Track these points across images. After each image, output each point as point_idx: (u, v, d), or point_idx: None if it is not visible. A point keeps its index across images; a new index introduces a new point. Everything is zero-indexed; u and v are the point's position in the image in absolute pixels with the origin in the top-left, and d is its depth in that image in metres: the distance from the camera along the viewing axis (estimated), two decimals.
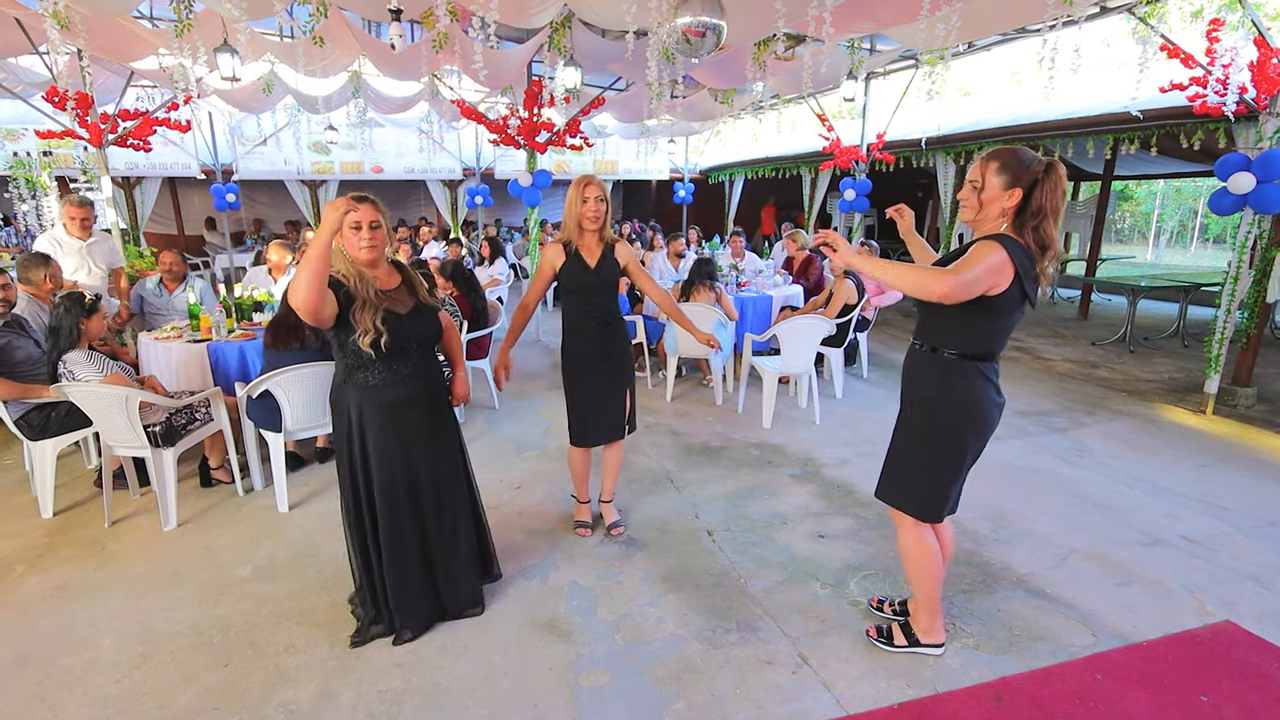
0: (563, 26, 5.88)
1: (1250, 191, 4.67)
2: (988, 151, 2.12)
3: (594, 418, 3.14)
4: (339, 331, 2.26)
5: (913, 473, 2.31)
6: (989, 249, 1.99)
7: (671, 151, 14.51)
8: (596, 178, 2.91)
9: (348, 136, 11.81)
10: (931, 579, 2.37)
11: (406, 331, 2.32)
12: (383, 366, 2.31)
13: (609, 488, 3.39)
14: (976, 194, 2.10)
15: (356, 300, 2.22)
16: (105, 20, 5.20)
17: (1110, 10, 5.51)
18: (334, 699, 2.24)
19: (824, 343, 5.14)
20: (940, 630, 2.46)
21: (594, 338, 3.05)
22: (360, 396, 2.33)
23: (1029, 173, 2.01)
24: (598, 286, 2.99)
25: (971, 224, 2.17)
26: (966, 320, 2.12)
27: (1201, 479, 4.02)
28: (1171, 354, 7.26)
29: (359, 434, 2.35)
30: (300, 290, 2.01)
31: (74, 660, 2.43)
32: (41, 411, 3.48)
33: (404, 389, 2.37)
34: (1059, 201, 2.02)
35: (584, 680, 2.34)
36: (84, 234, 4.85)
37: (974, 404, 2.19)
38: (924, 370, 2.26)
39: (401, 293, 2.40)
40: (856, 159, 8.66)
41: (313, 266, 2.00)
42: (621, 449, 3.32)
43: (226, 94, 8.19)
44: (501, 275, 8.07)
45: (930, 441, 2.25)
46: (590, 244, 2.96)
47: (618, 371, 3.12)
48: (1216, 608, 2.75)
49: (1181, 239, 20.60)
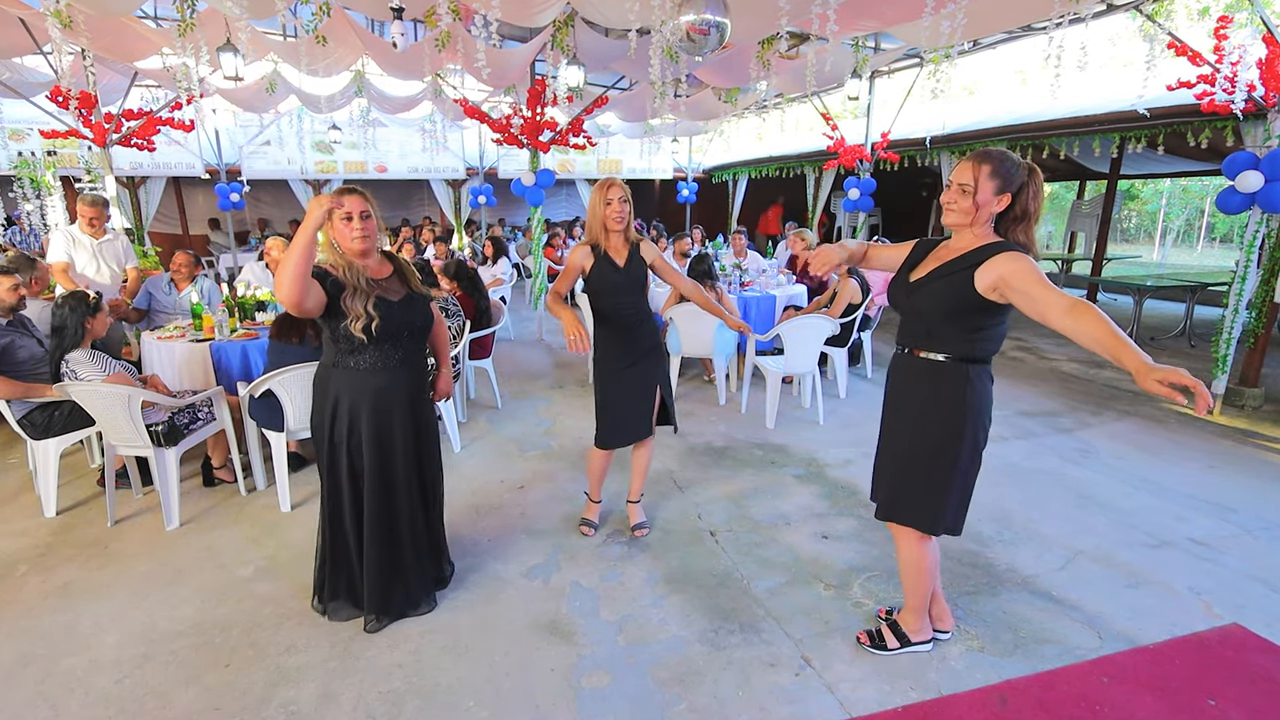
0: (565, 25, 5.88)
1: (1259, 190, 4.64)
2: (975, 154, 2.05)
3: (623, 420, 3.12)
4: (328, 320, 2.31)
5: (922, 486, 2.23)
6: (1016, 261, 1.93)
7: (675, 151, 14.49)
8: (619, 179, 2.94)
9: (351, 136, 11.83)
10: (929, 587, 2.37)
11: (398, 318, 2.36)
12: (374, 351, 2.36)
13: (636, 487, 3.35)
14: (970, 197, 2.02)
15: (346, 288, 2.26)
16: (108, 20, 5.21)
17: (1117, 7, 5.48)
18: (335, 699, 2.24)
19: (828, 342, 5.12)
20: (929, 628, 2.47)
21: (625, 338, 3.05)
22: (347, 380, 2.37)
23: (1017, 178, 2.01)
24: (628, 285, 3.00)
25: (955, 227, 2.11)
26: (976, 326, 2.09)
27: (1209, 480, 3.99)
28: (1178, 354, 7.22)
29: (344, 415, 2.39)
30: (284, 284, 2.05)
31: (76, 660, 2.43)
32: (45, 411, 3.48)
33: (393, 375, 2.42)
34: (1040, 205, 2.05)
35: (586, 681, 2.33)
36: (96, 232, 4.90)
37: (984, 406, 2.17)
38: (930, 379, 2.18)
39: (394, 281, 2.45)
40: (860, 158, 8.63)
41: (294, 260, 2.03)
42: (650, 448, 3.28)
43: (230, 93, 8.20)
44: (505, 275, 8.06)
45: (945, 451, 2.17)
46: (617, 244, 2.99)
47: (650, 371, 3.10)
48: (1224, 610, 2.72)
49: (1188, 238, 20.49)
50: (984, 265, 1.98)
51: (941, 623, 2.51)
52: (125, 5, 4.98)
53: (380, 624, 2.57)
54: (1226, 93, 4.73)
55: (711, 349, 5.32)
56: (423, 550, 2.65)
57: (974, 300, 2.01)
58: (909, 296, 2.20)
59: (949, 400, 2.15)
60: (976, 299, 2.01)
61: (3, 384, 3.36)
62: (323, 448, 2.45)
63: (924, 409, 2.21)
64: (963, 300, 2.04)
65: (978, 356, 2.14)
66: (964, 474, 2.21)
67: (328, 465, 2.46)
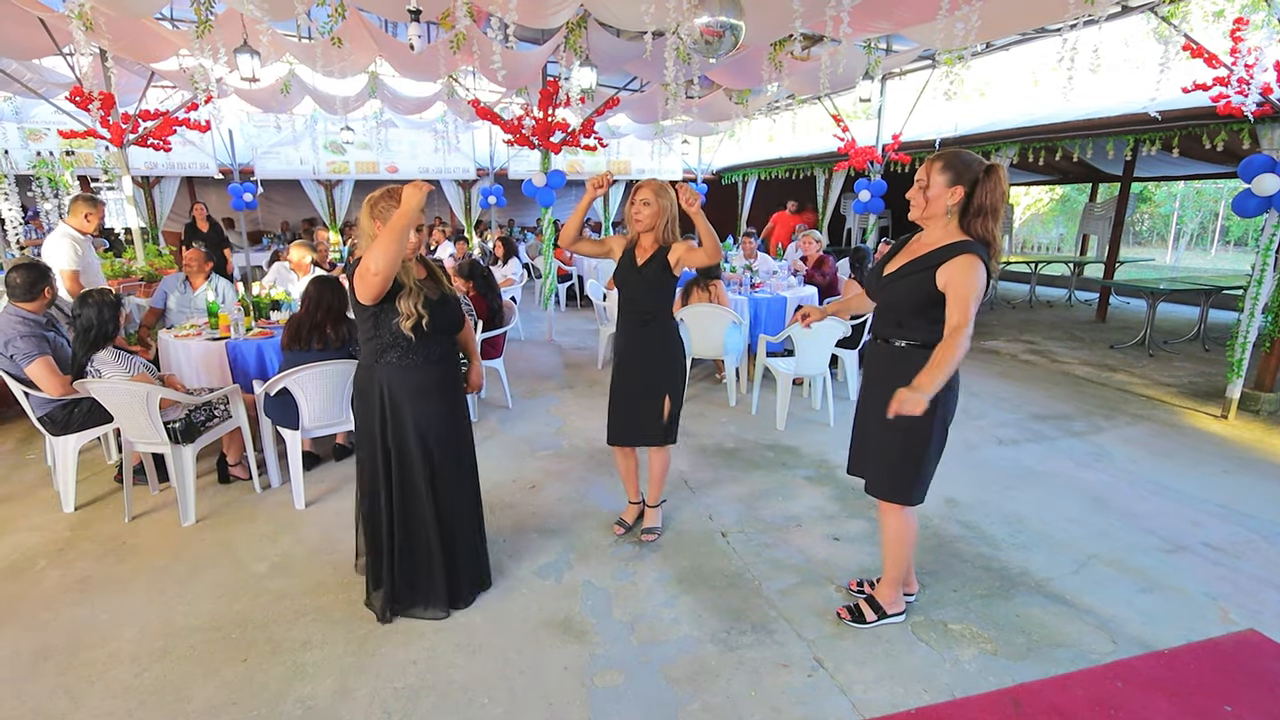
0: (579, 27, 5.90)
1: (1275, 193, 4.60)
2: (932, 154, 2.29)
3: (622, 416, 3.14)
4: (380, 312, 2.37)
5: (906, 463, 2.41)
6: (966, 272, 2.14)
7: (685, 152, 14.49)
8: (655, 181, 3.01)
9: (363, 136, 11.91)
10: (909, 557, 2.57)
11: (441, 315, 2.46)
12: (418, 348, 2.44)
13: (653, 493, 3.32)
14: (922, 192, 2.27)
15: (404, 287, 2.36)
16: (127, 21, 5.27)
17: (1132, 10, 5.44)
18: (351, 695, 2.26)
19: (838, 344, 5.11)
20: (902, 600, 2.66)
21: (630, 335, 3.09)
22: (390, 376, 2.44)
23: (970, 172, 2.19)
24: (639, 284, 3.02)
25: (919, 220, 2.34)
26: (939, 317, 2.24)
27: (1224, 485, 3.96)
28: (1192, 358, 7.16)
29: (391, 413, 2.46)
30: (386, 258, 2.15)
31: (96, 653, 2.46)
32: (65, 409, 3.52)
33: (432, 371, 2.50)
34: (999, 200, 2.19)
35: (599, 680, 2.34)
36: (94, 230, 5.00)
37: (955, 391, 2.36)
38: (901, 366, 2.33)
39: (430, 282, 2.54)
40: (871, 159, 8.61)
41: (398, 237, 2.16)
42: (663, 455, 3.22)
43: (246, 94, 8.28)
44: (515, 275, 8.10)
45: (923, 432, 2.34)
46: (645, 244, 3.03)
47: (655, 373, 3.07)
48: (1240, 616, 2.70)
49: (1202, 241, 20.31)
50: (943, 266, 2.20)
51: (909, 586, 2.75)
52: (147, 7, 5.04)
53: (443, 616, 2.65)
54: (1241, 95, 4.70)
55: (722, 350, 5.33)
56: (463, 544, 2.70)
57: (937, 295, 2.23)
58: (881, 291, 2.42)
59: None
60: (939, 295, 2.22)
61: (61, 382, 3.42)
62: (372, 442, 2.49)
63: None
64: (927, 296, 2.24)
65: None
66: (935, 449, 2.40)
67: (381, 460, 2.50)
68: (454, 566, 2.66)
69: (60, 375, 3.44)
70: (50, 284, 3.62)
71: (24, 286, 3.50)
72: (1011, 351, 7.45)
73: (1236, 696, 2.25)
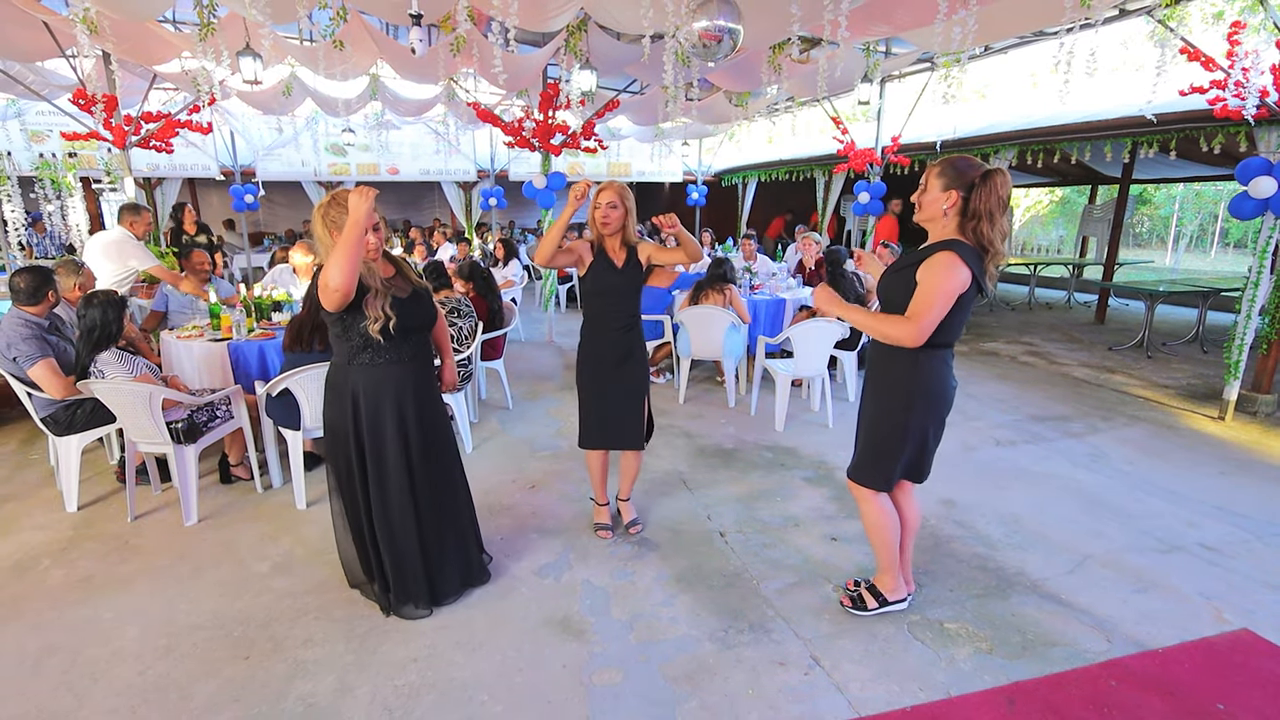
0: (579, 29, 5.92)
1: (1272, 196, 4.62)
2: (932, 161, 2.37)
3: (605, 422, 3.16)
4: (346, 316, 2.35)
5: (869, 447, 2.54)
6: (936, 270, 2.20)
7: (685, 154, 14.52)
8: (616, 183, 2.98)
9: (364, 138, 11.94)
10: (893, 544, 2.62)
11: (410, 314, 2.46)
12: (388, 347, 2.43)
13: (625, 488, 3.40)
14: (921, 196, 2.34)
15: (370, 290, 2.34)
16: (130, 24, 5.30)
17: (1130, 13, 5.47)
18: (351, 692, 2.28)
19: (837, 345, 5.13)
20: (903, 587, 2.72)
21: (613, 340, 3.07)
22: (364, 375, 2.44)
23: (964, 177, 2.23)
24: (623, 287, 3.03)
25: (923, 224, 2.39)
26: None
27: (1220, 486, 3.98)
28: (1190, 359, 7.18)
29: (366, 414, 2.45)
30: (342, 275, 2.12)
31: (99, 651, 2.48)
32: (68, 409, 3.55)
33: (405, 368, 2.50)
34: (995, 205, 2.19)
35: (598, 679, 2.36)
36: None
37: (939, 389, 2.40)
38: (888, 361, 2.42)
39: (398, 280, 2.53)
40: (871, 161, 8.63)
41: (351, 248, 2.13)
42: (640, 455, 3.33)
43: (247, 96, 8.31)
44: (516, 277, 8.13)
45: (894, 423, 2.44)
46: (613, 246, 3.03)
47: (634, 377, 3.12)
48: (1234, 616, 2.72)
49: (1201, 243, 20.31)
50: (922, 264, 2.26)
51: (907, 585, 2.76)
52: (151, 10, 5.07)
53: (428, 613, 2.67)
54: (1239, 98, 4.72)
55: (721, 351, 5.35)
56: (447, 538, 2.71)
57: None
58: (882, 291, 2.49)
59: (901, 378, 2.41)
60: None
61: (63, 384, 3.44)
62: (345, 443, 2.50)
63: (883, 385, 2.49)
64: (911, 294, 2.28)
65: (936, 342, 2.31)
66: (898, 445, 2.46)
67: (355, 461, 2.50)
68: (439, 563, 2.67)
69: (62, 377, 3.46)
70: (53, 288, 3.65)
71: (28, 291, 3.53)
72: (1010, 353, 7.47)
73: (1230, 695, 2.27)
